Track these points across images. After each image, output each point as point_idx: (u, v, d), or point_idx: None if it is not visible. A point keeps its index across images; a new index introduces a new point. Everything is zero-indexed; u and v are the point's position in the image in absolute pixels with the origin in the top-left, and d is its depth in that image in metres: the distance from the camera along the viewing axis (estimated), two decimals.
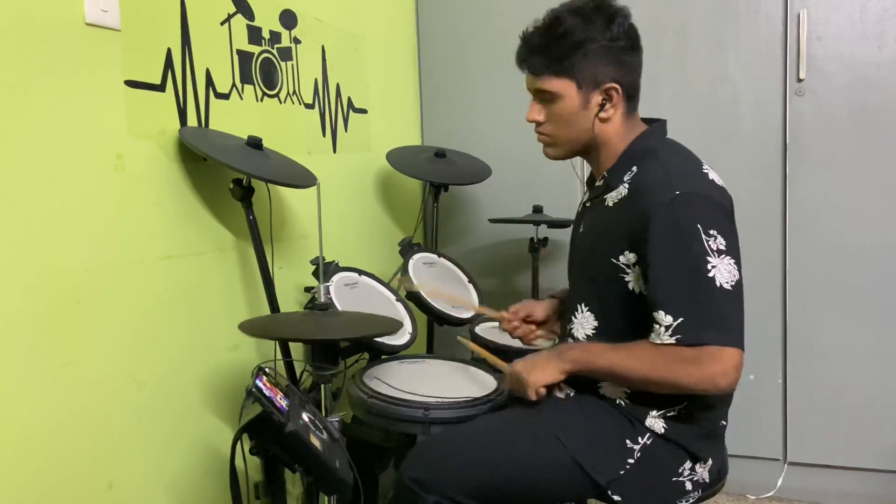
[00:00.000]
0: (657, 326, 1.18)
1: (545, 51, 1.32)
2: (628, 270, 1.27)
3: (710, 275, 1.16)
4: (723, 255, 1.18)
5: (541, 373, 1.33)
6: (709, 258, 1.17)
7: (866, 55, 2.07)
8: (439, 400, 1.42)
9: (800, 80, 2.14)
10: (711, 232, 1.18)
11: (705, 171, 1.30)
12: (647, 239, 1.20)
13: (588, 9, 1.30)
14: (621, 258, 1.27)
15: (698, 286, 1.16)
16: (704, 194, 1.23)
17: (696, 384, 1.17)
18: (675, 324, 1.16)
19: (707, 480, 1.31)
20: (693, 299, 1.16)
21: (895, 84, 2.05)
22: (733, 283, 1.18)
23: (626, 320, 1.28)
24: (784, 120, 2.17)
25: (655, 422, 1.27)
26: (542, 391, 1.34)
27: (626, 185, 1.31)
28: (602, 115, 1.33)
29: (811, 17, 2.11)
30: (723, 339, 1.15)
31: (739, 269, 1.21)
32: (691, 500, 1.30)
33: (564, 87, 1.32)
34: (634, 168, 1.31)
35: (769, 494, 2.26)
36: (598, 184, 1.39)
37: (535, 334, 1.59)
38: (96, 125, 1.36)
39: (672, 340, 1.16)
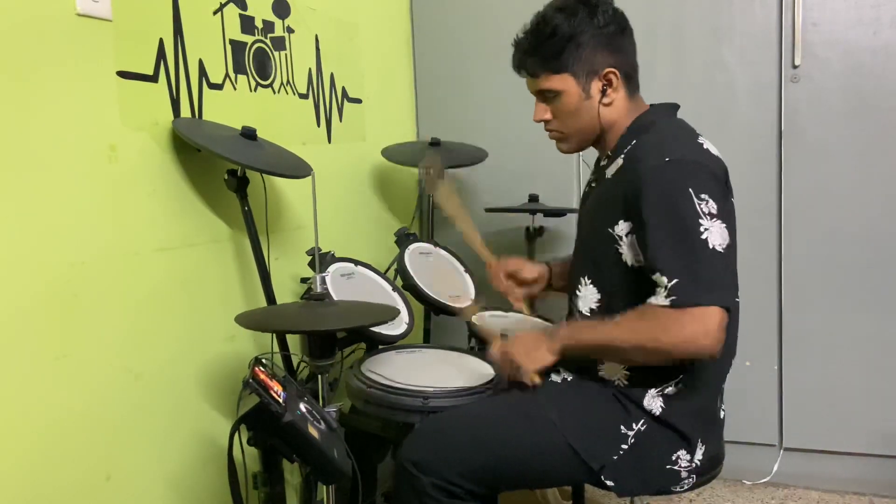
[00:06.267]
0: (657, 289, 1.19)
1: (538, 52, 1.36)
2: (622, 242, 1.29)
3: (703, 237, 1.18)
4: (714, 219, 1.19)
5: (533, 357, 1.33)
6: (701, 220, 1.18)
7: (861, 41, 2.07)
8: (438, 389, 1.42)
9: (795, 67, 2.13)
10: (703, 196, 1.19)
11: (700, 141, 1.31)
12: (641, 204, 1.22)
13: (571, 3, 1.34)
14: (616, 228, 1.29)
15: (692, 248, 1.18)
16: (695, 160, 1.25)
17: (681, 345, 1.17)
18: (671, 285, 1.17)
19: (702, 467, 1.32)
20: (687, 261, 1.18)
21: (890, 69, 2.05)
22: (725, 247, 1.19)
23: (625, 292, 1.29)
24: (779, 106, 2.16)
25: (654, 401, 1.29)
26: (537, 379, 1.33)
27: (623, 156, 1.34)
28: (605, 100, 1.36)
29: (806, 2, 2.10)
30: (710, 300, 1.16)
31: (732, 235, 1.22)
32: (686, 487, 1.31)
33: (564, 82, 1.35)
34: (634, 141, 1.34)
35: (765, 480, 2.27)
36: (602, 163, 1.42)
37: (515, 294, 1.60)
38: (89, 117, 1.36)
39: (667, 302, 1.17)
